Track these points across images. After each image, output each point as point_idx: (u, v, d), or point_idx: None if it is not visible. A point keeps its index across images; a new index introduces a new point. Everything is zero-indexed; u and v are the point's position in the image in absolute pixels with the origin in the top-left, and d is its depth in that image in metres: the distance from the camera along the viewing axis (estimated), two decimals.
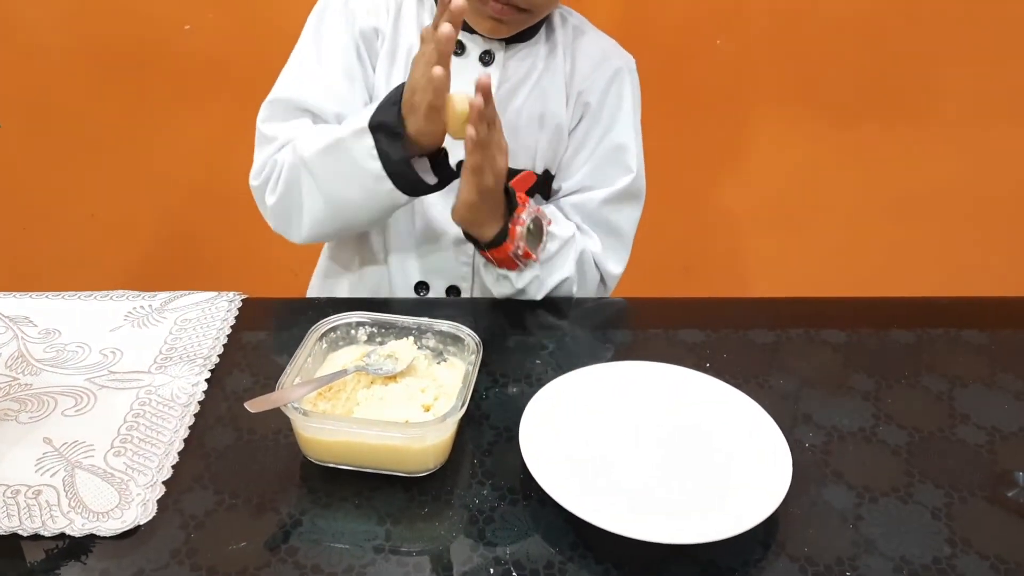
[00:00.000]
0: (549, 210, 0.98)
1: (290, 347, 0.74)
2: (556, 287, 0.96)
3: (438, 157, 0.89)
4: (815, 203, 1.59)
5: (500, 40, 0.97)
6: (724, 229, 1.63)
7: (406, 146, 0.84)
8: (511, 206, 0.90)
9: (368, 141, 0.85)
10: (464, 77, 0.96)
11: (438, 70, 0.77)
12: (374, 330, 0.79)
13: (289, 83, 0.97)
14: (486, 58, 0.97)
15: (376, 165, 0.85)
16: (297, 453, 0.70)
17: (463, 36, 0.96)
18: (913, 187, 1.56)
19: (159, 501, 0.66)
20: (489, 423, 0.75)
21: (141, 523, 0.64)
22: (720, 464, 0.70)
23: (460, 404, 0.67)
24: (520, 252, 0.91)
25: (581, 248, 0.99)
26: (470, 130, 0.79)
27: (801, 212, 1.60)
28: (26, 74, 1.48)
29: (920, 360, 0.84)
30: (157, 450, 0.70)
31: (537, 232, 0.92)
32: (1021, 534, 0.65)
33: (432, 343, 0.79)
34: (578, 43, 1.02)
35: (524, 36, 0.98)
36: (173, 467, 0.69)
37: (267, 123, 0.96)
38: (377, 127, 0.84)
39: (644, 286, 1.65)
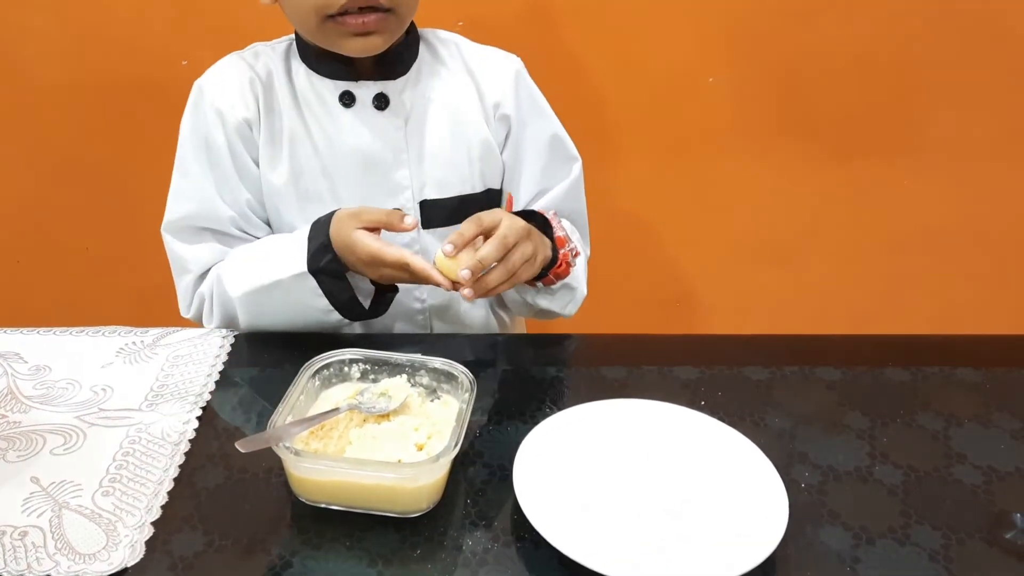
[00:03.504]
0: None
1: (282, 384, 0.74)
2: (583, 272, 0.99)
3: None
4: (809, 239, 1.60)
5: (385, 79, 0.96)
6: (717, 265, 1.63)
7: (349, 286, 0.88)
8: (535, 222, 0.90)
9: (311, 283, 0.87)
10: (364, 125, 0.96)
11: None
12: (367, 367, 0.79)
13: (179, 204, 0.97)
14: (378, 102, 0.96)
15: (323, 302, 0.88)
16: (288, 492, 0.69)
17: (349, 86, 0.95)
18: (907, 224, 1.57)
19: (147, 542, 0.65)
20: (483, 462, 0.74)
21: (129, 565, 0.63)
22: (716, 504, 0.69)
23: (454, 444, 0.67)
24: (574, 252, 0.93)
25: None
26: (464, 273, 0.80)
27: (794, 248, 1.61)
28: (22, 108, 1.49)
29: (915, 398, 0.84)
30: (146, 490, 0.69)
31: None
32: None
33: (426, 380, 0.78)
34: (468, 58, 1.02)
35: (406, 65, 0.98)
36: (162, 507, 0.68)
37: (174, 246, 0.97)
38: (318, 271, 0.87)
39: (636, 320, 1.66)
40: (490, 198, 1.04)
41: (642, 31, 1.41)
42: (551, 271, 0.90)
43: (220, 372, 0.85)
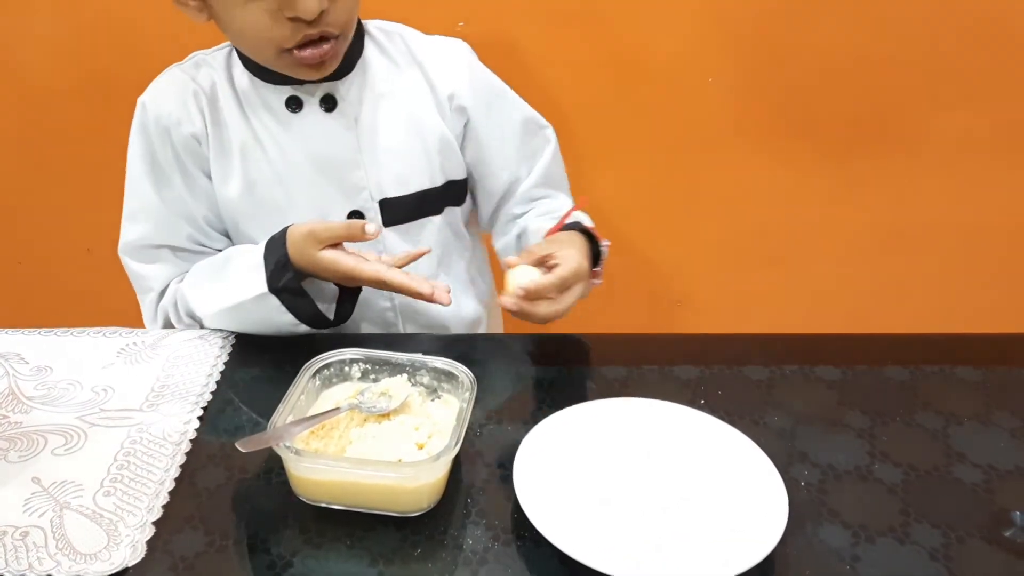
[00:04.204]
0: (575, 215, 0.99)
1: (283, 384, 0.74)
2: None
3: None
4: (809, 239, 1.60)
5: (330, 79, 0.94)
6: (717, 265, 1.64)
7: (311, 301, 0.88)
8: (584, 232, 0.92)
9: (274, 302, 0.86)
10: (313, 129, 0.94)
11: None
12: (368, 367, 0.79)
13: (134, 227, 0.97)
14: (326, 104, 0.94)
15: (289, 318, 0.88)
16: (289, 492, 0.69)
17: (296, 90, 0.94)
18: (906, 222, 1.57)
19: (148, 542, 0.65)
20: (483, 461, 0.74)
21: (130, 565, 0.63)
22: (715, 503, 0.69)
23: (454, 443, 0.67)
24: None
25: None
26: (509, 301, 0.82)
27: (795, 248, 1.61)
28: (23, 109, 1.49)
29: (915, 397, 0.84)
30: (147, 490, 0.70)
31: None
32: (1020, 575, 0.64)
33: (426, 380, 0.78)
34: (415, 49, 1.00)
35: (351, 62, 0.95)
36: (163, 507, 0.68)
37: (133, 267, 0.97)
38: (279, 290, 0.86)
39: (636, 320, 1.66)
40: (451, 190, 1.02)
41: (642, 32, 1.41)
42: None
43: (221, 372, 0.86)
